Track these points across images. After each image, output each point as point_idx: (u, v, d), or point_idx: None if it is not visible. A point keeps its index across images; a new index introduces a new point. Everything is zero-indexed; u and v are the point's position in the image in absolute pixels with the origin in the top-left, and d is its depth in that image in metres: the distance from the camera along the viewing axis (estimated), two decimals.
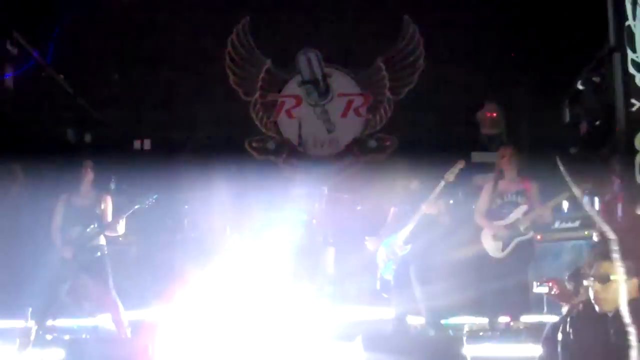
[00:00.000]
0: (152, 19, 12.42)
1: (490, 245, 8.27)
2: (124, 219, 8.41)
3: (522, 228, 8.13)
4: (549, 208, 8.23)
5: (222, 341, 7.96)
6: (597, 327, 3.93)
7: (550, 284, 6.06)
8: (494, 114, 11.72)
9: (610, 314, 3.88)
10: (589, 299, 4.19)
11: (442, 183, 8.21)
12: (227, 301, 9.05)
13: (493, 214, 8.33)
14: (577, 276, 5.52)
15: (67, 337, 7.97)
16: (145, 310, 9.09)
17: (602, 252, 4.13)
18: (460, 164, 8.32)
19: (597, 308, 3.96)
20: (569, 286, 5.85)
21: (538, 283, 6.49)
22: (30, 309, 7.63)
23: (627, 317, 3.58)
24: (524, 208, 8.19)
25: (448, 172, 8.24)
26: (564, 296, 5.77)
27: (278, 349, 7.12)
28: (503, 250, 8.16)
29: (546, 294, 6.35)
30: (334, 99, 12.88)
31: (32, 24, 10.92)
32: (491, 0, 12.02)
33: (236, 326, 8.25)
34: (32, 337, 7.72)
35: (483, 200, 8.48)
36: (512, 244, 8.12)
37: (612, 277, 3.90)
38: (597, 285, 3.97)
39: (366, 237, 8.66)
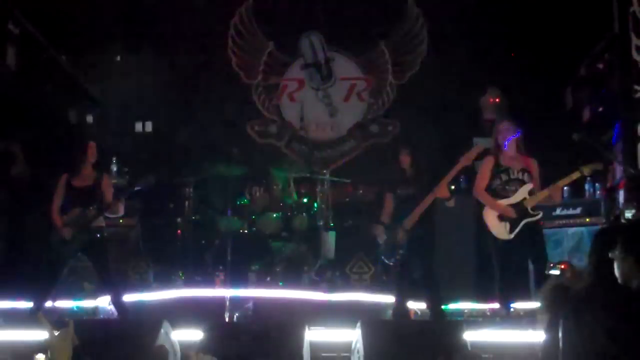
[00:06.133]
0: (154, 1, 12.37)
1: (496, 226, 7.94)
2: (124, 201, 8.38)
3: (529, 208, 7.88)
4: (558, 188, 8.04)
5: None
6: (601, 312, 3.91)
7: (563, 267, 6.00)
8: (497, 99, 11.67)
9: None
10: (592, 285, 4.17)
11: (458, 167, 8.05)
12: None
13: (496, 191, 8.01)
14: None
15: (66, 318, 7.96)
16: (144, 293, 9.11)
17: None
18: (479, 148, 8.18)
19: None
20: (573, 272, 5.79)
21: (551, 265, 6.44)
22: None
23: None
24: (529, 187, 7.93)
25: (465, 155, 8.05)
26: (576, 280, 5.68)
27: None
28: (511, 232, 7.84)
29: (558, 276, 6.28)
30: (336, 82, 12.84)
31: (35, 3, 10.86)
32: None
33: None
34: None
35: (484, 175, 8.09)
36: (520, 225, 7.84)
37: None
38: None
39: (375, 225, 8.46)
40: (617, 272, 3.94)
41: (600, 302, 3.91)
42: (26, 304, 8.34)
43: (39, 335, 6.55)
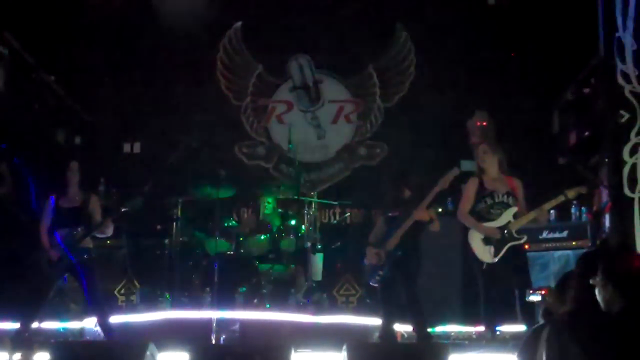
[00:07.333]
0: (144, 22, 12.39)
1: (481, 249, 7.95)
2: (112, 221, 8.37)
3: (514, 231, 7.89)
4: (543, 211, 8.06)
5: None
6: (584, 336, 3.93)
7: (544, 292, 6.01)
8: (484, 123, 11.70)
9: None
10: (574, 309, 4.20)
11: (435, 190, 8.11)
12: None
13: (481, 214, 8.05)
14: (564, 285, 5.48)
15: (52, 340, 7.94)
16: (131, 315, 9.08)
17: None
18: (455, 172, 8.16)
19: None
20: (556, 295, 5.80)
21: (531, 291, 6.46)
22: None
23: None
24: (514, 210, 7.96)
25: (442, 179, 8.08)
26: (557, 305, 5.70)
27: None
28: (495, 255, 7.85)
29: (539, 302, 6.29)
30: (324, 105, 12.88)
31: (24, 25, 10.88)
32: (483, 8, 12.06)
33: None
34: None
35: (468, 198, 8.12)
36: (505, 249, 7.85)
37: None
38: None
39: (370, 249, 8.43)
40: (598, 298, 3.97)
41: (583, 327, 3.94)
42: (12, 325, 8.30)
43: (24, 357, 6.54)
